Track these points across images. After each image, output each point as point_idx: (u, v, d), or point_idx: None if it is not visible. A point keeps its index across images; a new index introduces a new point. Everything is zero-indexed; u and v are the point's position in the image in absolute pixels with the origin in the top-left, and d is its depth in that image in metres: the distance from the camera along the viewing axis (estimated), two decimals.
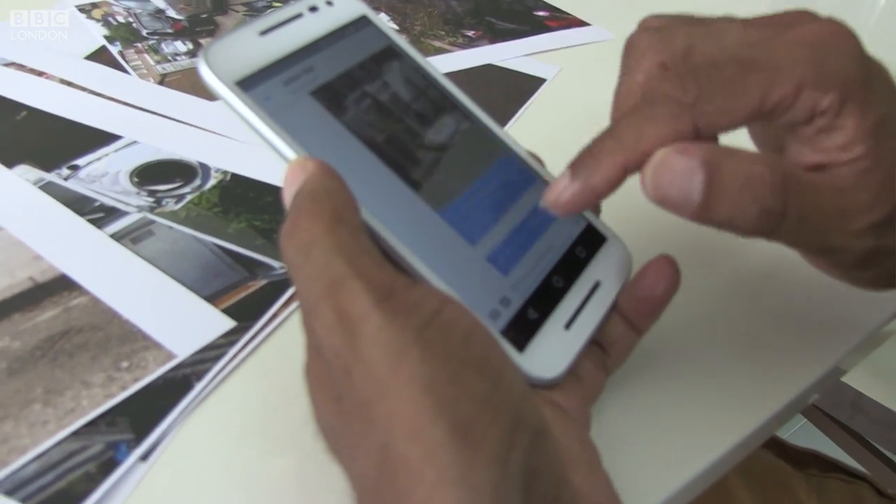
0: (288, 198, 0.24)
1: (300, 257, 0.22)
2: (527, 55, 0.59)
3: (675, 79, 0.25)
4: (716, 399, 0.32)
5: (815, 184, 0.24)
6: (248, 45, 0.27)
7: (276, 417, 0.30)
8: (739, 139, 0.27)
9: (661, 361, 0.33)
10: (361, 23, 0.31)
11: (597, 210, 0.33)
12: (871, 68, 0.25)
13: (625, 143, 0.25)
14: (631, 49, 0.28)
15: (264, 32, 0.27)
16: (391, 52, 0.31)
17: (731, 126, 0.25)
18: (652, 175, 0.24)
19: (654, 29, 0.28)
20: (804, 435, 0.99)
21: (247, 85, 0.26)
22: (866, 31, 0.26)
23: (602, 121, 0.27)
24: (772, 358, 0.34)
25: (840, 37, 0.25)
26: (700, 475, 0.30)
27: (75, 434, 0.28)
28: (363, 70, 0.29)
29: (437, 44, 0.60)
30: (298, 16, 0.28)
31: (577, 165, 0.26)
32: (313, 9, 0.29)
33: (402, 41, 0.31)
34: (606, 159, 0.25)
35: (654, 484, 0.29)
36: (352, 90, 0.28)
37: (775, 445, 0.61)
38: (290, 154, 0.25)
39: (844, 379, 0.84)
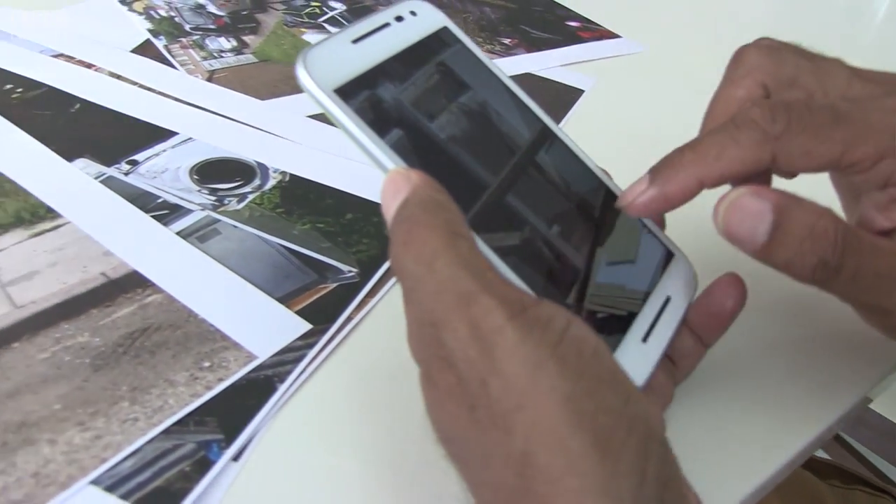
0: (390, 208, 0.24)
1: (422, 269, 0.22)
2: (563, 65, 0.60)
3: (767, 108, 0.26)
4: (767, 414, 0.33)
5: (877, 247, 0.26)
6: (343, 53, 0.27)
7: (361, 420, 0.31)
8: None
9: (715, 374, 0.34)
10: (444, 34, 0.31)
11: (661, 225, 0.34)
12: None
13: (705, 158, 0.26)
14: (739, 61, 0.30)
15: (357, 41, 0.28)
16: (474, 64, 0.32)
17: (808, 169, 0.26)
18: (724, 211, 0.25)
19: (767, 49, 0.29)
20: None
21: (344, 93, 0.26)
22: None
23: (640, 135, 0.27)
24: (822, 374, 0.35)
25: None
26: (749, 495, 0.31)
27: (166, 432, 0.29)
28: (446, 80, 0.30)
29: None
30: (386, 25, 0.29)
31: (657, 172, 0.27)
32: (399, 18, 0.30)
33: (481, 53, 0.32)
34: (685, 171, 0.26)
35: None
36: (439, 99, 0.29)
37: None
38: (390, 164, 0.26)
39: None
